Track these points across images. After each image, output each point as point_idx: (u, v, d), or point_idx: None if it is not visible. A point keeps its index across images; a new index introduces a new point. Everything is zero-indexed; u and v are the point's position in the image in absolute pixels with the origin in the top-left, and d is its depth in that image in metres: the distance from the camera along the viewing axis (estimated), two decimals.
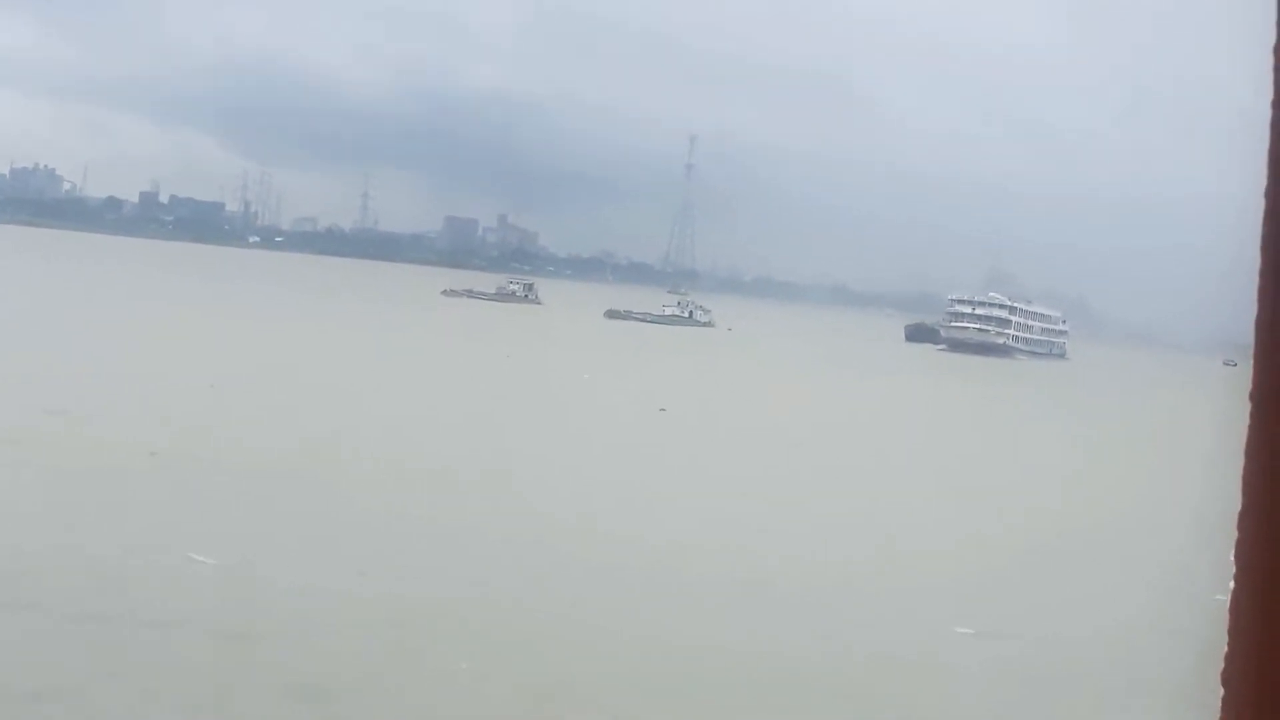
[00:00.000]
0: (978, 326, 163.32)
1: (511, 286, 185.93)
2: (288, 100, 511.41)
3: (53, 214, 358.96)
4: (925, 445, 59.20)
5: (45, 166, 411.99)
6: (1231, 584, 1.19)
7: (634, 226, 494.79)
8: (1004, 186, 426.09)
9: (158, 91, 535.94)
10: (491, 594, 26.16)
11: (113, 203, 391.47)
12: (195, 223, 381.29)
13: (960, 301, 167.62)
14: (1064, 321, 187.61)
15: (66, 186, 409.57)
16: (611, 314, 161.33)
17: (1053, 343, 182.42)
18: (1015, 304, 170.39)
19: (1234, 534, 1.21)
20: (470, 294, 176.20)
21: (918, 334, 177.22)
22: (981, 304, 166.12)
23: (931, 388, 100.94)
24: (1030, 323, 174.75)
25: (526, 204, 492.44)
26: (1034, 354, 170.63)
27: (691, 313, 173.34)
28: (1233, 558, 1.19)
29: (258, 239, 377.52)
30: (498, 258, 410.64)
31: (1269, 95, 1.48)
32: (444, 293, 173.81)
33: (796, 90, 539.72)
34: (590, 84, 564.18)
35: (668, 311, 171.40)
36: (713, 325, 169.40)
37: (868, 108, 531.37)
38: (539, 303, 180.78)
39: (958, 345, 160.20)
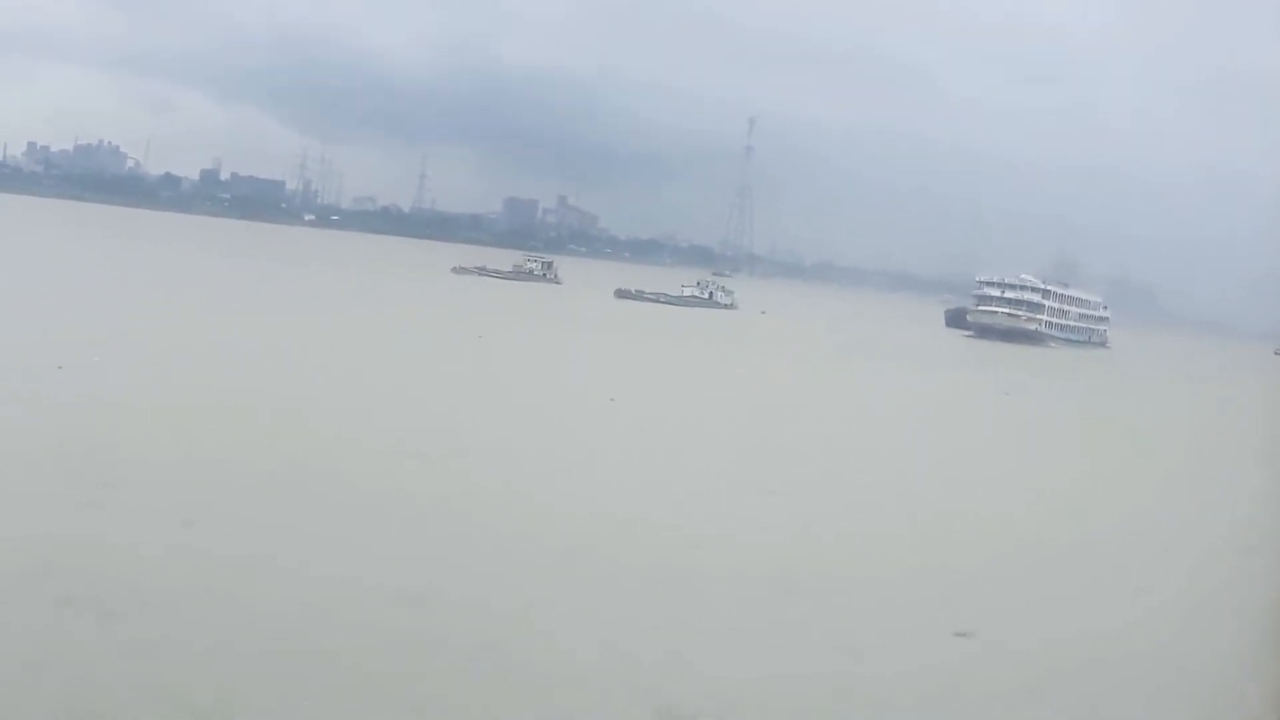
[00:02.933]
0: (1007, 311, 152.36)
1: (529, 264, 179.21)
2: (343, 78, 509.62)
3: (114, 190, 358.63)
4: (899, 446, 51.16)
5: (109, 143, 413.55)
6: None
7: (694, 209, 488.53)
8: (1064, 167, 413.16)
9: (215, 67, 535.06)
10: None
11: (170, 179, 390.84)
12: (252, 200, 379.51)
13: (988, 284, 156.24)
14: (1105, 307, 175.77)
15: (130, 163, 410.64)
16: (621, 294, 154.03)
17: (1092, 329, 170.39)
18: (1049, 286, 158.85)
19: None
20: (482, 271, 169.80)
21: (956, 319, 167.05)
22: (1012, 286, 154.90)
23: (940, 378, 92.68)
24: (1066, 307, 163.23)
25: (587, 185, 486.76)
26: (1070, 341, 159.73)
27: (712, 294, 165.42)
28: None
29: (313, 217, 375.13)
30: (556, 239, 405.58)
31: None
32: (454, 270, 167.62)
33: (853, 69, 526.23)
34: (647, 64, 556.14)
35: (686, 292, 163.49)
36: (735, 307, 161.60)
37: (926, 87, 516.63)
38: (558, 282, 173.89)
39: (985, 331, 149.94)
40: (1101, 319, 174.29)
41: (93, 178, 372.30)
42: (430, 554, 25.53)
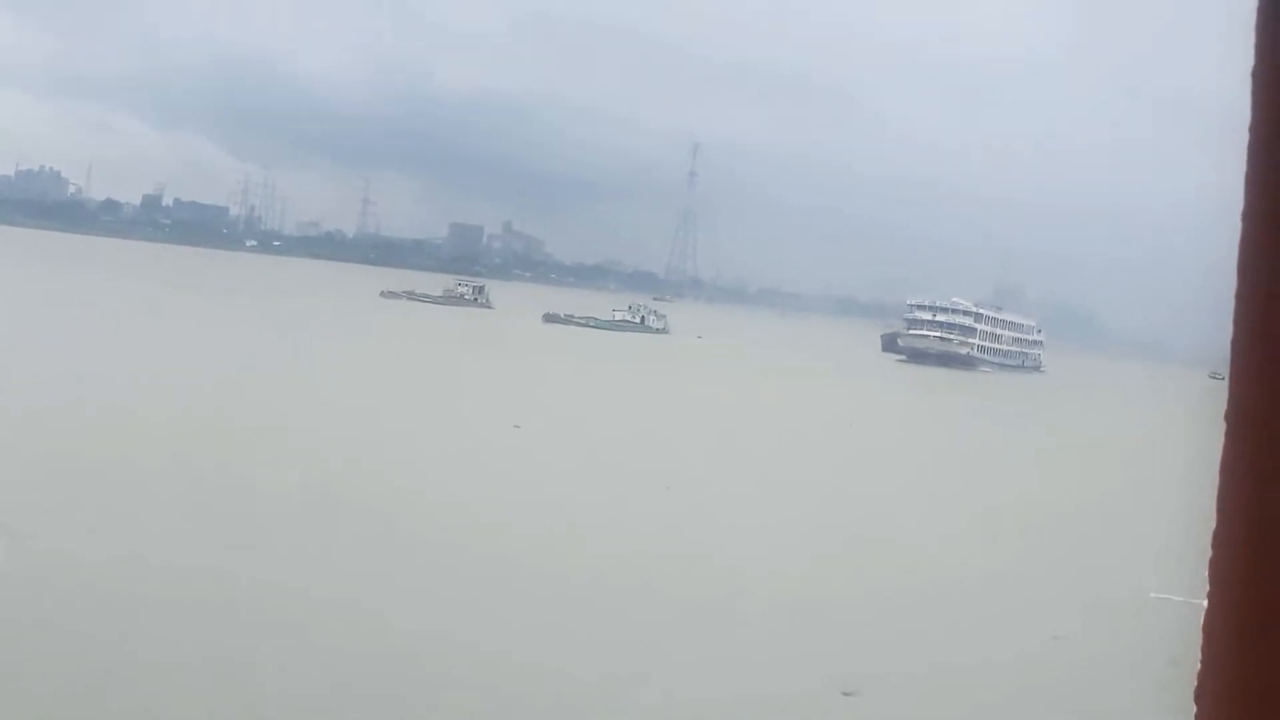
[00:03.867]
0: (938, 335, 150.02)
1: (460, 289, 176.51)
2: (278, 102, 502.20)
3: (54, 216, 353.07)
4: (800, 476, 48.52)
5: (50, 169, 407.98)
6: (1205, 603, 1.27)
7: (639, 234, 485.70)
8: (1006, 194, 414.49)
9: (151, 91, 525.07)
10: None
11: (110, 205, 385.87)
12: (194, 226, 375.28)
13: (919, 307, 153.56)
14: (1039, 330, 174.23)
15: (71, 189, 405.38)
16: (550, 318, 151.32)
17: (1025, 354, 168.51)
18: (982, 310, 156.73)
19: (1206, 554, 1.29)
20: (410, 295, 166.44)
21: (891, 344, 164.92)
22: (943, 309, 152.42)
23: (860, 402, 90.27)
24: (999, 331, 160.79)
25: (532, 211, 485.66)
26: (1003, 365, 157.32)
27: (644, 318, 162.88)
28: (1206, 576, 1.28)
29: (255, 243, 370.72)
30: (501, 264, 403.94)
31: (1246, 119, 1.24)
32: (382, 294, 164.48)
33: (794, 95, 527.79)
34: (584, 88, 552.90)
35: (617, 316, 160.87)
36: (666, 332, 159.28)
37: (868, 115, 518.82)
38: (489, 306, 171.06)
39: (917, 355, 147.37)
40: (1035, 343, 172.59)
41: (33, 203, 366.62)
42: None
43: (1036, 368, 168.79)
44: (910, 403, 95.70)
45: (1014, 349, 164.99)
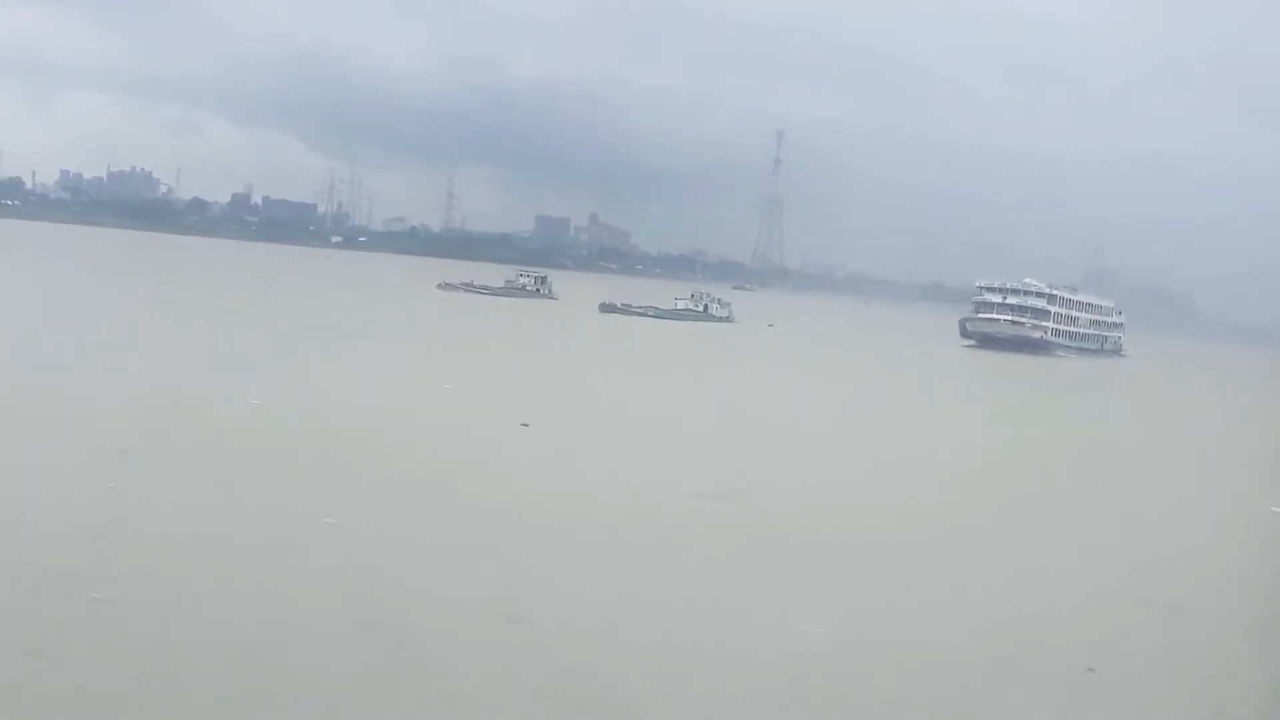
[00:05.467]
0: (1009, 319, 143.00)
1: (521, 280, 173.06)
2: (361, 98, 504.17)
3: (142, 216, 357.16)
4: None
5: (141, 169, 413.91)
6: None
7: (725, 223, 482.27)
8: (1095, 170, 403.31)
9: (233, 90, 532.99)
10: None
11: (198, 204, 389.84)
12: (280, 223, 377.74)
13: (989, 289, 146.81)
14: (1119, 312, 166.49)
15: (163, 189, 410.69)
16: (606, 308, 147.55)
17: (1104, 336, 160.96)
18: (1056, 291, 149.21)
19: None
20: (468, 288, 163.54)
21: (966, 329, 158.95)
22: (1014, 291, 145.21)
23: (910, 391, 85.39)
24: (1075, 314, 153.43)
25: (618, 201, 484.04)
26: (1081, 349, 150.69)
27: (706, 306, 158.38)
28: None
29: (340, 239, 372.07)
30: (587, 256, 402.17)
31: None
32: (439, 286, 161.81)
33: (873, 72, 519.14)
34: (657, 74, 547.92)
35: (679, 305, 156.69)
36: (731, 320, 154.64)
37: (952, 90, 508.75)
38: (552, 297, 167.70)
39: (987, 340, 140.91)
40: (1115, 325, 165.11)
41: (122, 204, 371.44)
42: None
43: (1117, 351, 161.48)
44: (972, 390, 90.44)
45: (1092, 331, 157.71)
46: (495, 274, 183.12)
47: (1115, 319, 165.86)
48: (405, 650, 20.38)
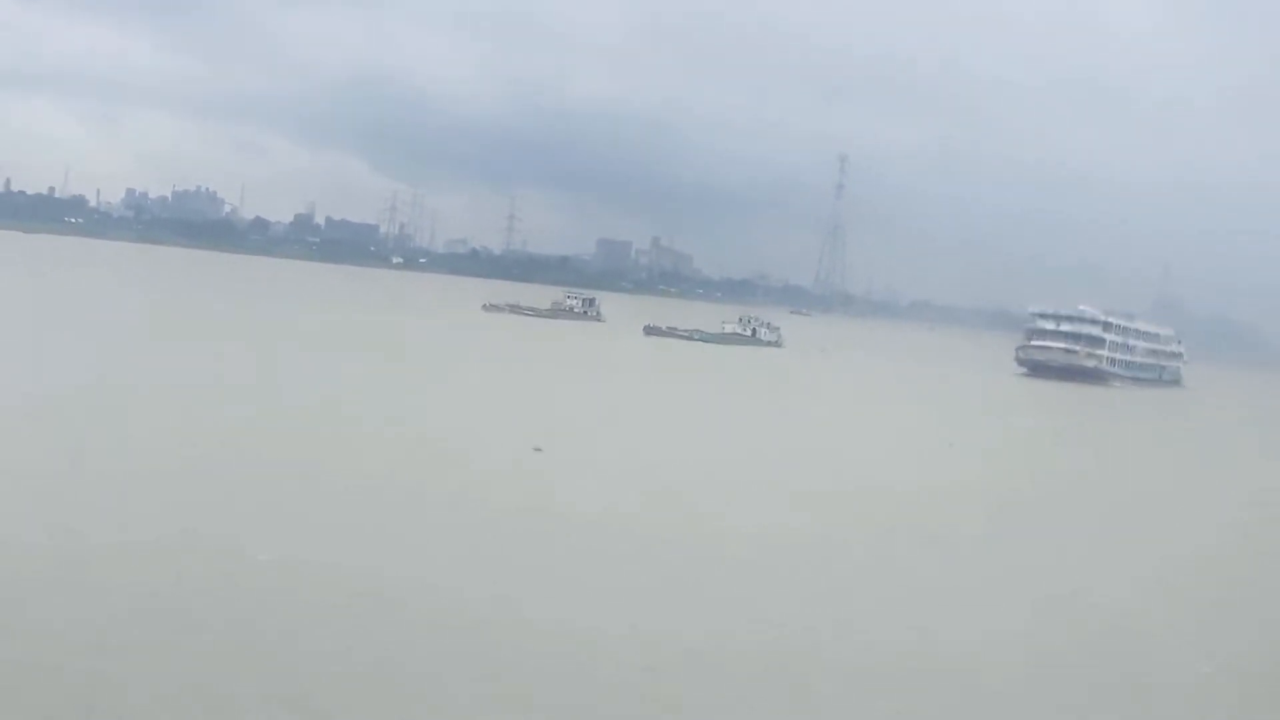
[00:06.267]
0: (1063, 346, 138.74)
1: (569, 301, 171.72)
2: (423, 120, 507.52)
3: (205, 235, 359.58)
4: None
5: (206, 189, 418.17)
6: None
7: (787, 247, 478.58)
8: (1166, 188, 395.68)
9: (296, 111, 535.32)
10: None
11: (259, 224, 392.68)
12: (342, 244, 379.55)
13: (1042, 316, 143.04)
14: (1179, 341, 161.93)
15: (227, 209, 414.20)
16: (651, 330, 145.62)
17: (1162, 366, 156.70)
18: (1112, 319, 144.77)
19: None
20: (514, 309, 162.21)
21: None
22: (1068, 318, 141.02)
23: (957, 423, 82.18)
24: (1131, 342, 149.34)
25: (679, 225, 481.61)
26: (1137, 379, 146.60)
27: (755, 331, 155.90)
28: None
29: (401, 260, 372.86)
30: (647, 279, 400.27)
31: None
32: (484, 307, 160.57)
33: (932, 91, 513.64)
34: (717, 95, 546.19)
35: (727, 329, 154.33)
36: (779, 345, 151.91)
37: (1015, 112, 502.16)
38: (599, 319, 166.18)
39: (1039, 369, 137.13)
40: (1173, 354, 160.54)
41: (185, 223, 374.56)
42: None
43: (1175, 381, 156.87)
44: (991, 424, 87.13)
45: (1149, 361, 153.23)
46: (550, 296, 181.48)
47: (1174, 348, 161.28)
48: None
